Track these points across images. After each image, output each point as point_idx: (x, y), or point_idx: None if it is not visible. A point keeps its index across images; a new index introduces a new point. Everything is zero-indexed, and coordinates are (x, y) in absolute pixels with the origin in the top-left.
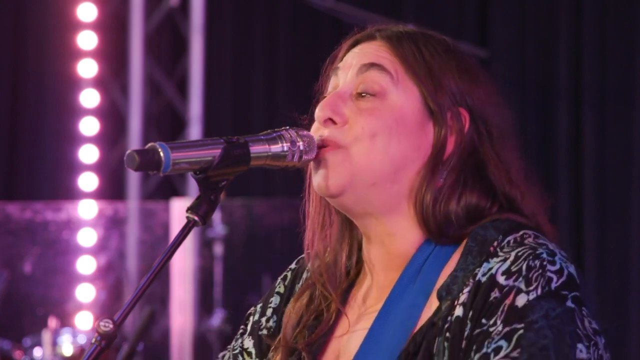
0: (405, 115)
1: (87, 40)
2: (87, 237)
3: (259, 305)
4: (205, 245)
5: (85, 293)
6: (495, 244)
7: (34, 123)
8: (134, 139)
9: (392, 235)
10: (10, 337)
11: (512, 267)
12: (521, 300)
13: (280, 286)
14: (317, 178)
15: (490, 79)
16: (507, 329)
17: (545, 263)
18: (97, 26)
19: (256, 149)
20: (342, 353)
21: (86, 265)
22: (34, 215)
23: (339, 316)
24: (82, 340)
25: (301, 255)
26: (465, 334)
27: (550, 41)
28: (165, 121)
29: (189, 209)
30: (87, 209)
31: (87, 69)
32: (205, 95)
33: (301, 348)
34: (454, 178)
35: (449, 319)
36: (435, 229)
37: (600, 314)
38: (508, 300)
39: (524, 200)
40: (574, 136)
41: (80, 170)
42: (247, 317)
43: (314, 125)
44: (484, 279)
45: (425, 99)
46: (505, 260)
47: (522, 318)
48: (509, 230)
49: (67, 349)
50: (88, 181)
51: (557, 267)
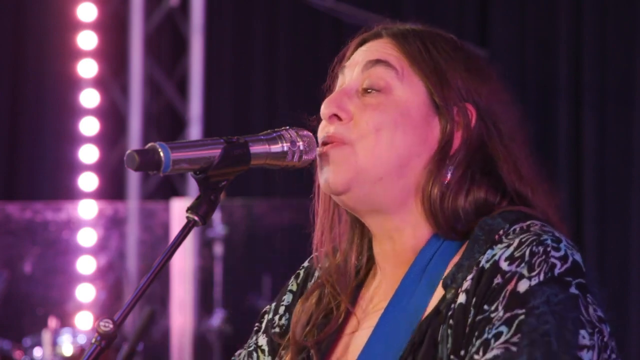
0: (410, 110)
1: (87, 40)
2: (87, 237)
3: (273, 304)
4: (205, 245)
5: (85, 293)
6: (501, 232)
7: (34, 123)
8: (134, 139)
9: (400, 231)
10: (10, 337)
11: (515, 253)
12: (523, 285)
13: (293, 284)
14: (322, 175)
15: (498, 77)
16: (508, 315)
17: (549, 249)
18: (97, 26)
19: (256, 149)
20: (351, 350)
21: (86, 265)
22: (34, 215)
23: (349, 314)
24: (82, 340)
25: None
26: (468, 320)
27: (550, 41)
28: (165, 121)
29: (189, 209)
30: (87, 209)
31: (87, 69)
32: (205, 95)
33: (310, 346)
34: (461, 173)
35: (453, 306)
36: (443, 224)
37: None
38: (510, 286)
39: (535, 196)
40: (574, 136)
41: (80, 170)
42: (262, 315)
43: (321, 123)
44: (487, 265)
45: (431, 94)
46: (509, 246)
47: (524, 304)
48: (516, 220)
49: (67, 349)
50: (88, 181)
51: (562, 254)
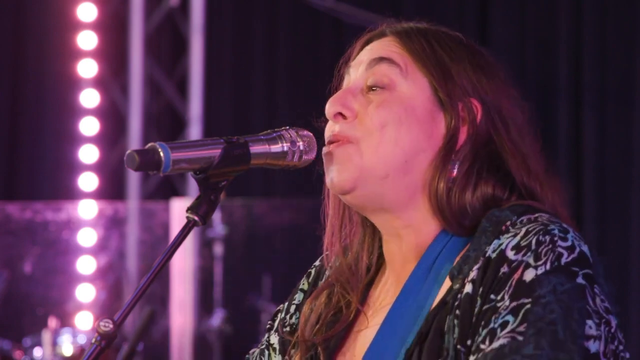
0: (415, 106)
1: (87, 40)
2: (87, 237)
3: (286, 303)
4: (205, 245)
5: (85, 293)
6: (509, 223)
7: (34, 123)
8: (134, 139)
9: (408, 229)
10: (10, 337)
11: (522, 242)
12: (529, 274)
13: (304, 283)
14: (328, 175)
15: (505, 73)
16: (514, 304)
17: (556, 239)
18: (97, 26)
19: (256, 149)
20: (358, 347)
21: (86, 265)
22: (34, 215)
23: (358, 313)
24: (82, 340)
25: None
26: (475, 310)
27: (550, 41)
28: (165, 121)
29: (189, 209)
30: (87, 209)
31: (87, 69)
32: (205, 95)
33: (318, 343)
34: (467, 167)
35: (459, 296)
36: (451, 219)
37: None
38: (516, 275)
39: (544, 191)
40: (574, 136)
41: (80, 170)
42: (275, 314)
43: (328, 123)
44: (493, 255)
45: (436, 90)
46: (515, 235)
47: (530, 293)
48: (524, 212)
49: (67, 349)
50: (88, 181)
51: (569, 244)
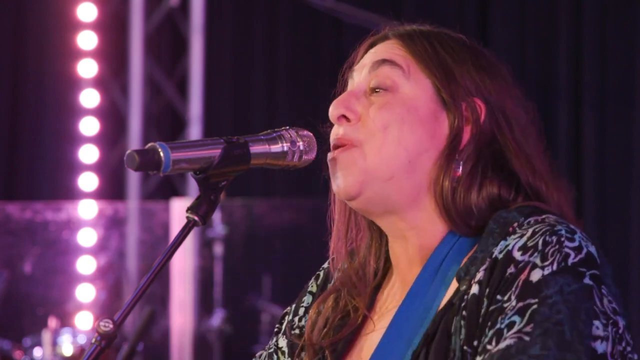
0: (417, 106)
1: (87, 40)
2: (87, 237)
3: (294, 305)
4: (205, 245)
5: (85, 293)
6: (516, 224)
7: (34, 123)
8: (134, 139)
9: (415, 230)
10: (10, 337)
11: (529, 243)
12: (536, 275)
13: (313, 286)
14: (335, 182)
15: (510, 74)
16: (521, 304)
17: (563, 239)
18: (97, 26)
19: (256, 149)
20: (365, 350)
21: (86, 265)
22: (34, 215)
23: (366, 316)
24: (82, 340)
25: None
26: (481, 311)
27: (550, 41)
28: (165, 121)
29: (189, 209)
30: (87, 209)
31: (87, 69)
32: (205, 95)
33: (325, 347)
34: (470, 166)
35: (465, 297)
36: (457, 219)
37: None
38: (523, 276)
39: (549, 190)
40: (574, 136)
41: (80, 170)
42: (283, 317)
43: (333, 128)
44: (500, 255)
45: (438, 90)
46: (522, 236)
47: (536, 293)
48: (532, 213)
49: (67, 349)
50: (88, 181)
51: (576, 244)
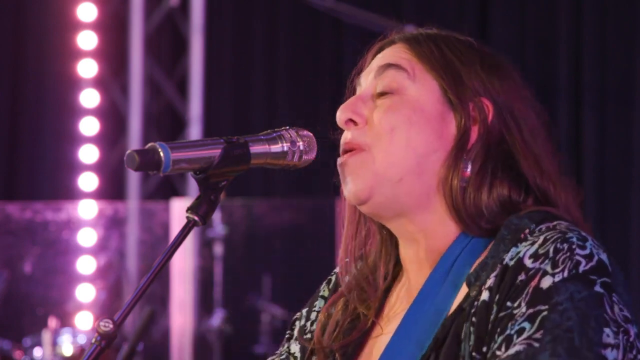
0: (424, 107)
1: (87, 40)
2: (87, 237)
3: (305, 310)
4: (205, 245)
5: (85, 293)
6: (527, 231)
7: (34, 123)
8: (134, 139)
9: (426, 232)
10: (10, 337)
11: (540, 250)
12: (546, 282)
13: (324, 290)
14: (345, 187)
15: (519, 75)
16: (531, 311)
17: (574, 247)
18: (97, 26)
19: (256, 149)
20: (375, 353)
21: (86, 265)
22: (34, 215)
23: (376, 318)
24: (82, 340)
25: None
26: (491, 317)
27: (550, 41)
28: (165, 121)
29: (189, 209)
30: (87, 209)
31: (87, 69)
32: (205, 95)
33: (335, 350)
34: (479, 166)
35: (476, 303)
36: (468, 220)
37: None
38: (533, 283)
39: (557, 191)
40: (574, 136)
41: (80, 170)
42: (293, 322)
43: (343, 134)
44: (511, 262)
45: (445, 91)
46: (533, 243)
47: (547, 300)
48: (543, 220)
49: (67, 349)
50: (88, 181)
51: (587, 252)
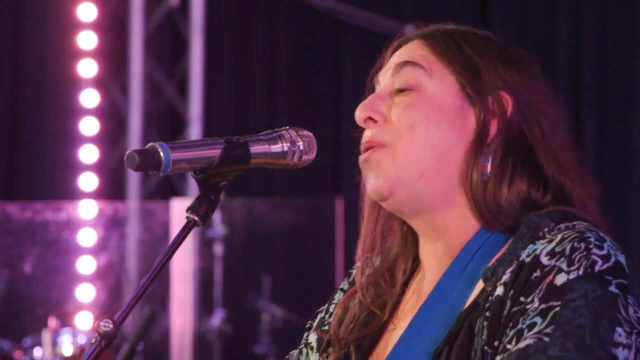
0: (442, 103)
1: (87, 40)
2: (87, 237)
3: (327, 303)
4: (205, 245)
5: (85, 293)
6: (546, 229)
7: (34, 123)
8: (134, 139)
9: (447, 228)
10: (10, 337)
11: (557, 248)
12: (561, 279)
13: (345, 284)
14: (367, 182)
15: (538, 68)
16: (544, 306)
17: (591, 246)
18: (97, 26)
19: (256, 149)
20: (390, 346)
21: (86, 265)
22: (34, 215)
23: (392, 314)
24: (82, 340)
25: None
26: (504, 312)
27: (550, 41)
28: (165, 121)
29: (189, 209)
30: (87, 209)
31: (87, 69)
32: (205, 95)
33: (350, 342)
34: (499, 160)
35: (490, 298)
36: (487, 215)
37: None
38: (548, 279)
39: (573, 186)
40: (574, 136)
41: (80, 170)
42: (316, 315)
43: (364, 132)
44: (527, 259)
45: (463, 86)
46: (550, 241)
47: (560, 296)
48: (563, 219)
49: (67, 349)
50: (88, 181)
51: (604, 253)
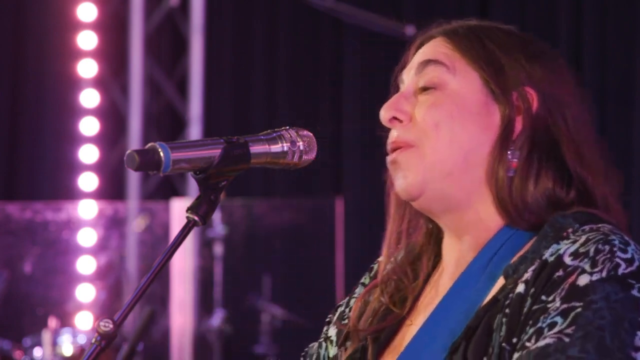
0: (466, 100)
1: (87, 40)
2: (87, 237)
3: (347, 297)
4: (205, 245)
5: (85, 293)
6: (570, 230)
7: (34, 123)
8: (134, 139)
9: (473, 225)
10: (10, 337)
11: (581, 249)
12: (583, 280)
13: (366, 278)
14: (396, 182)
15: (563, 62)
16: (565, 306)
17: (615, 249)
18: (97, 26)
19: (256, 149)
20: (407, 339)
21: (86, 265)
22: (34, 215)
23: (412, 308)
24: (82, 340)
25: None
26: (524, 310)
27: (550, 41)
28: (165, 121)
29: (189, 209)
30: (87, 209)
31: (87, 69)
32: (205, 95)
33: (368, 334)
34: (525, 155)
35: (510, 295)
36: (513, 212)
37: None
38: (570, 279)
39: (596, 182)
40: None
41: (80, 170)
42: (336, 309)
43: (390, 132)
44: (551, 258)
45: (487, 82)
46: (574, 242)
47: (582, 297)
48: (588, 221)
49: (67, 349)
50: (88, 181)
51: (629, 256)
